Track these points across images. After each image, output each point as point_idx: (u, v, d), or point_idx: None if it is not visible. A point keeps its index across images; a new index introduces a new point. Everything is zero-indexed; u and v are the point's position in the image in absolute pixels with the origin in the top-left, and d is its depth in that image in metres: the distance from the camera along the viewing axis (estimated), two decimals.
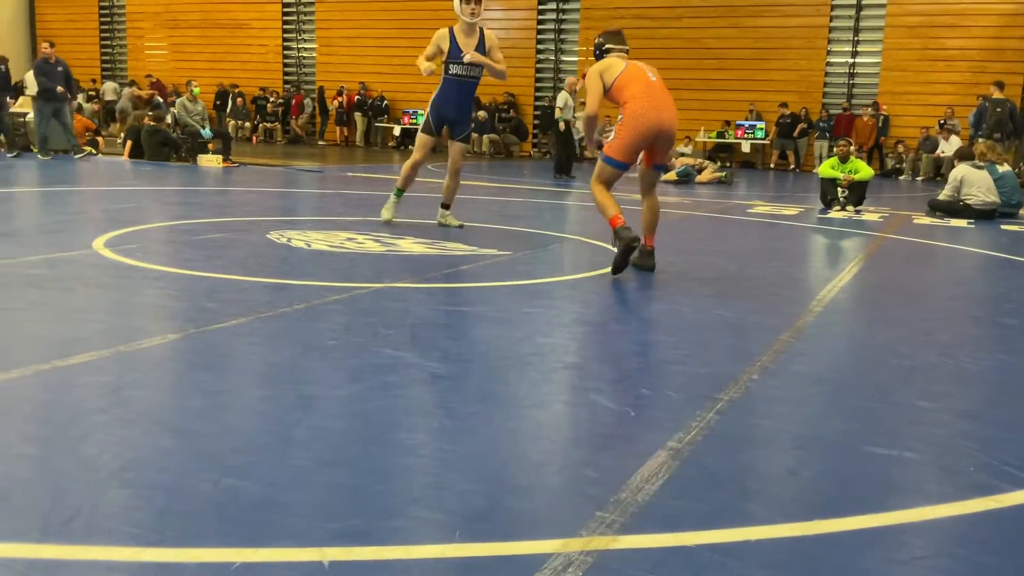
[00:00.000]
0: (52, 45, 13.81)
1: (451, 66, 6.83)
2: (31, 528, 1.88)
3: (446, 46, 6.79)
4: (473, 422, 2.73)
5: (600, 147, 5.63)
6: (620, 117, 5.38)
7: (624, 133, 5.33)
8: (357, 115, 22.70)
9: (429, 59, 6.78)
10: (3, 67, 13.90)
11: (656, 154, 5.58)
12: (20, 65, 24.11)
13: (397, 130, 22.33)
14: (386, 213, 7.27)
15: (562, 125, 14.16)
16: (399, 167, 7.60)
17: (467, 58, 6.72)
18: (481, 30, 6.88)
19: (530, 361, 3.45)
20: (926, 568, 1.94)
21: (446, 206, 7.34)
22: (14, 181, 10.35)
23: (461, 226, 7.18)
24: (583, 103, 6.53)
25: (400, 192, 7.35)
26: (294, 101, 23.01)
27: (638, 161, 5.66)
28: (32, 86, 16.54)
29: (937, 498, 2.30)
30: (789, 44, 19.38)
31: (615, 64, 5.44)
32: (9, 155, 13.41)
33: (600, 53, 5.62)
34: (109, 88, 23.69)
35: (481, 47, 6.85)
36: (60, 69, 13.50)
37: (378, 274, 5.09)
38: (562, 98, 14.12)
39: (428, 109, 7.02)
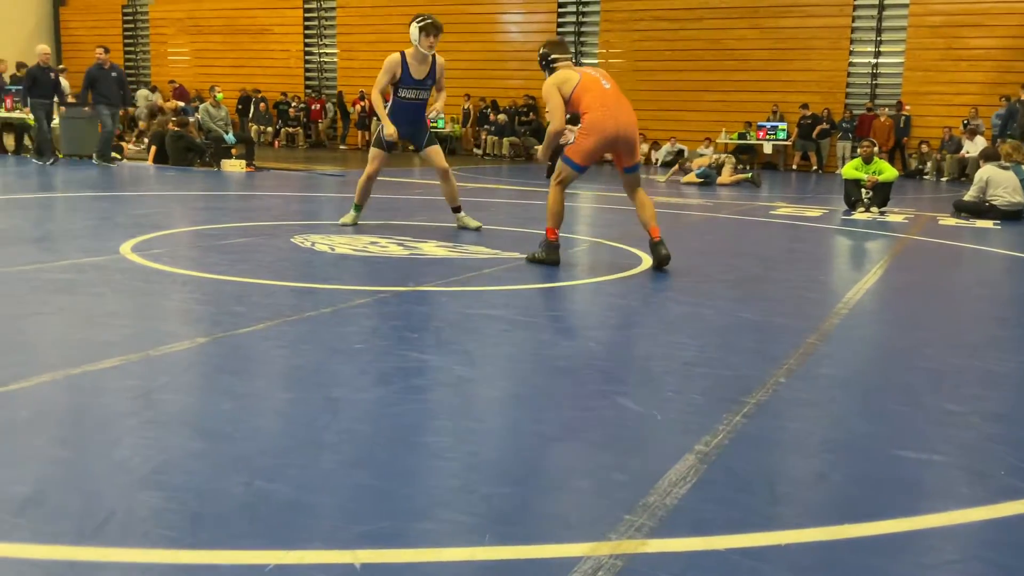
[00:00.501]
0: (107, 51, 13.60)
1: (401, 90, 7.02)
2: (67, 531, 1.90)
3: (399, 72, 6.96)
4: (499, 425, 2.74)
5: (555, 155, 5.94)
6: (579, 124, 5.56)
7: (583, 140, 5.53)
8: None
9: (382, 90, 7.07)
10: (53, 75, 13.72)
11: (623, 158, 5.74)
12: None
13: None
14: (346, 219, 7.40)
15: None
16: (419, 171, 7.63)
17: (433, 114, 7.24)
18: (433, 57, 7.03)
19: (555, 364, 3.46)
20: (957, 572, 1.93)
21: (457, 209, 7.41)
22: (40, 187, 10.48)
23: (479, 228, 7.21)
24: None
25: (359, 208, 7.42)
26: (316, 106, 23.13)
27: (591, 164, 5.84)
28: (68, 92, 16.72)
29: (967, 502, 2.29)
30: (811, 45, 19.28)
31: (570, 76, 5.56)
32: (47, 163, 13.28)
33: (547, 64, 5.74)
34: (141, 96, 23.88)
35: (432, 73, 7.05)
36: (114, 75, 13.40)
37: (402, 277, 5.11)
38: None
39: (379, 127, 7.15)
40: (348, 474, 2.28)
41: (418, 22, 6.91)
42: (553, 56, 5.73)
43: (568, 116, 5.71)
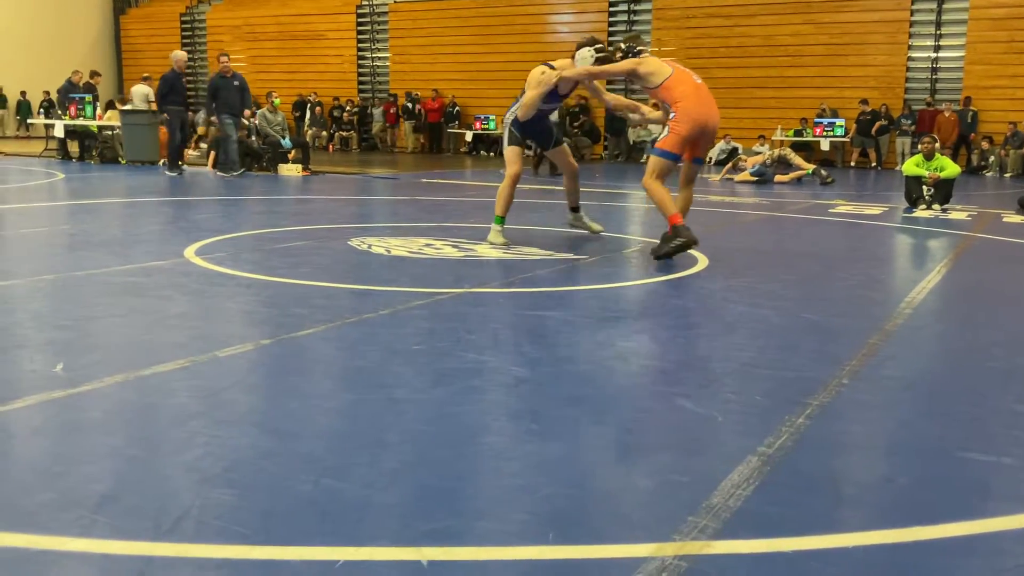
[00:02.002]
0: (228, 57, 13.28)
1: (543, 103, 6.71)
2: (145, 527, 1.96)
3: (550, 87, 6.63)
4: (559, 426, 2.75)
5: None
6: (672, 115, 5.88)
7: (678, 128, 5.83)
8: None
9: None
10: (182, 80, 13.43)
11: (698, 149, 6.14)
12: (108, 80, 25.10)
13: (469, 136, 22.52)
14: (496, 238, 6.65)
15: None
16: (471, 172, 7.66)
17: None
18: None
19: (613, 365, 3.46)
20: None
21: (575, 209, 7.24)
22: (104, 193, 10.77)
23: (600, 231, 7.09)
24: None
25: (503, 219, 6.70)
26: (385, 108, 23.29)
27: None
28: (139, 100, 17.04)
29: None
30: (868, 39, 18.92)
31: (662, 67, 6.03)
32: (171, 173, 13.00)
33: (635, 54, 6.23)
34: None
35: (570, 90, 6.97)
36: (236, 84, 13.08)
37: (458, 279, 5.15)
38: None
39: (516, 128, 6.76)
40: (412, 473, 2.31)
41: (597, 51, 6.54)
42: (639, 48, 6.28)
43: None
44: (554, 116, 7.04)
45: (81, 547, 1.87)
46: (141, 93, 17.14)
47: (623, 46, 6.43)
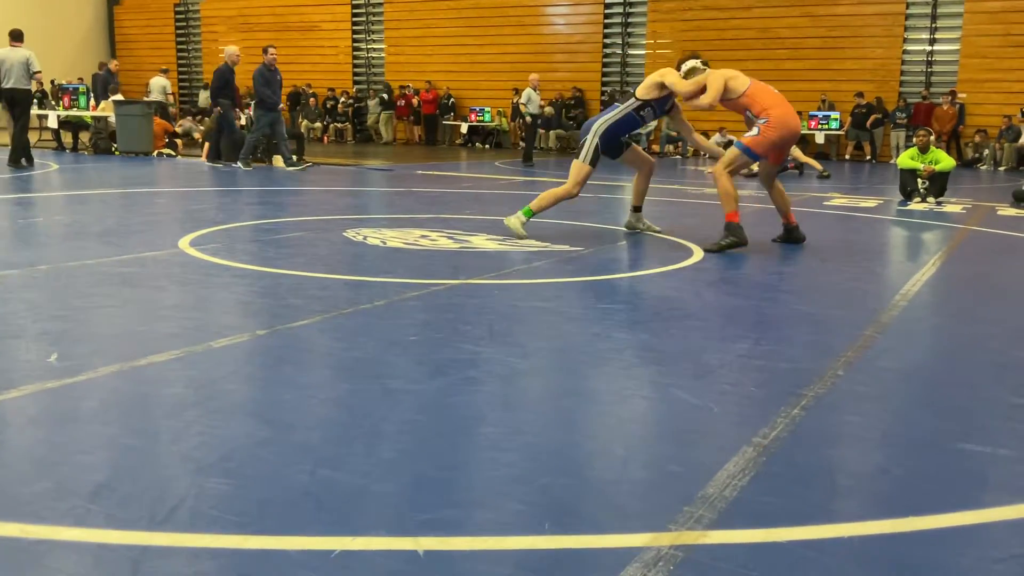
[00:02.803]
0: (275, 49, 13.04)
1: (646, 110, 6.55)
2: (140, 517, 1.96)
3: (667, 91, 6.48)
4: (555, 416, 2.75)
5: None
6: (765, 120, 6.06)
7: (771, 133, 6.04)
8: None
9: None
10: (230, 75, 13.23)
11: (784, 154, 6.51)
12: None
13: (464, 128, 22.49)
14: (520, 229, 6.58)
15: (528, 119, 15.51)
16: (466, 164, 7.66)
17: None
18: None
19: (609, 356, 3.46)
20: (1022, 566, 1.90)
21: (637, 208, 7.10)
22: (99, 183, 10.73)
23: (659, 231, 6.98)
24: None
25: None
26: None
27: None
28: (157, 92, 16.98)
29: None
30: (864, 32, 18.92)
31: (740, 77, 6.27)
32: (244, 166, 12.72)
33: (702, 65, 6.40)
34: (203, 97, 24.25)
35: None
36: (279, 77, 12.96)
37: (454, 271, 5.15)
38: (526, 94, 15.35)
39: (599, 139, 6.53)
40: (409, 463, 2.31)
41: (703, 63, 6.48)
42: (703, 62, 6.43)
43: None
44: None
45: (76, 536, 1.87)
46: (159, 85, 17.10)
47: (699, 60, 6.43)
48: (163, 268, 4.95)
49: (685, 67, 6.46)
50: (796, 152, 14.63)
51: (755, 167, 14.94)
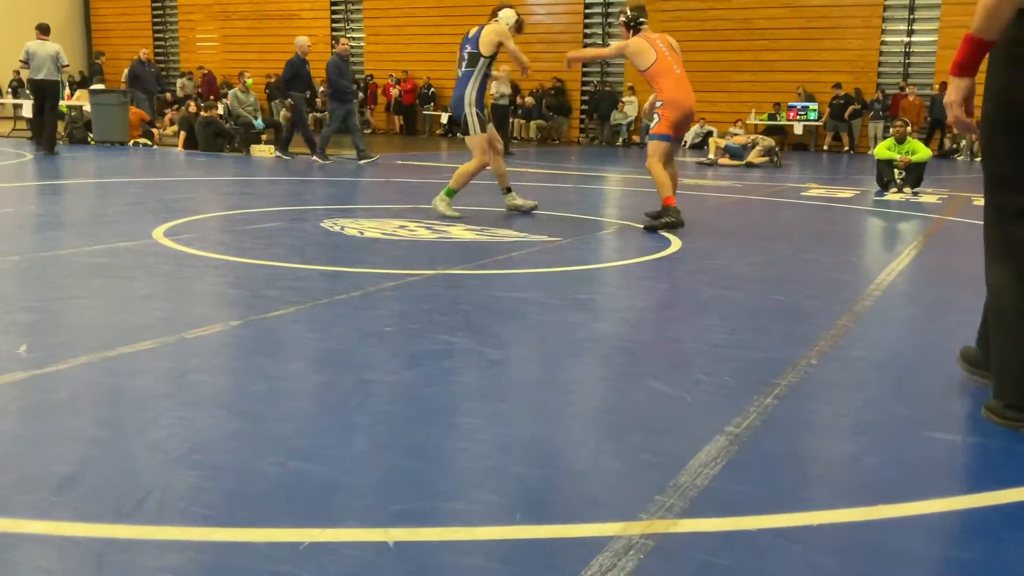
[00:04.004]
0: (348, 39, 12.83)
1: (491, 66, 7.08)
2: (106, 509, 1.94)
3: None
4: (530, 407, 2.75)
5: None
6: (660, 102, 6.57)
7: (668, 113, 6.54)
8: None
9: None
10: (306, 67, 13.08)
11: (681, 131, 6.88)
12: (75, 61, 24.66)
13: (444, 118, 22.41)
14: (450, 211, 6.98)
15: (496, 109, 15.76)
16: (446, 155, 7.65)
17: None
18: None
19: (585, 346, 3.46)
20: (991, 553, 1.91)
21: (508, 190, 7.43)
22: (73, 173, 10.61)
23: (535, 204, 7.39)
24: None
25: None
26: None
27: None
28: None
29: (1003, 483, 2.26)
30: (842, 23, 19.00)
31: (647, 51, 6.61)
32: (325, 160, 12.58)
33: (635, 25, 6.77)
34: (179, 85, 24.01)
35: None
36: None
37: (431, 261, 5.13)
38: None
39: (476, 108, 6.87)
40: (381, 454, 2.30)
41: (517, 12, 7.22)
42: (642, 19, 6.81)
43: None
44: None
45: (40, 529, 1.84)
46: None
47: (629, 13, 6.81)
48: (136, 258, 4.90)
49: (503, 15, 7.04)
50: (754, 155, 14.71)
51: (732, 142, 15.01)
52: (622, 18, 6.86)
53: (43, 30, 12.67)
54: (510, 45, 6.87)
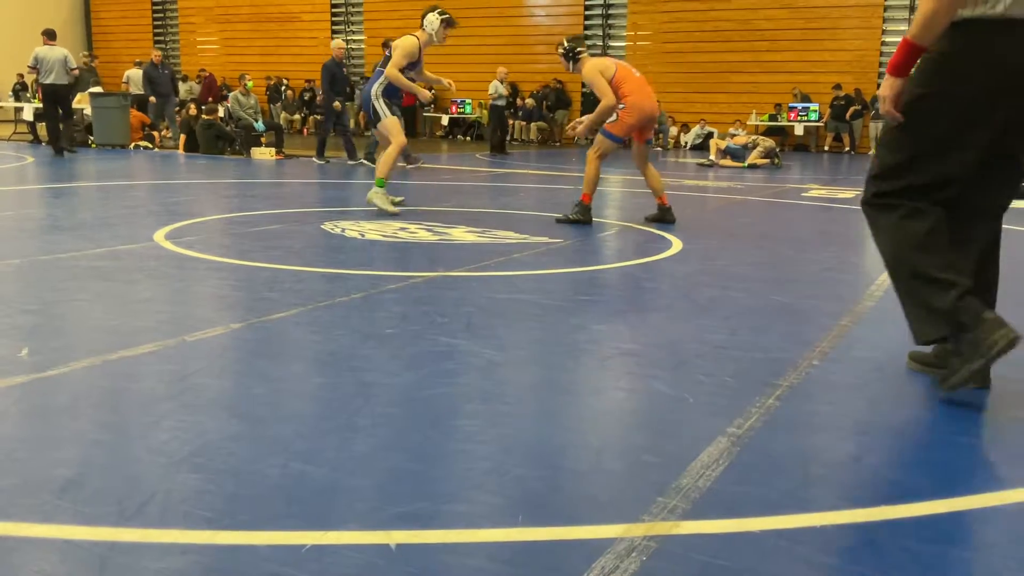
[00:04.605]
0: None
1: (406, 72, 7.33)
2: (109, 512, 1.94)
3: (415, 57, 7.35)
4: (531, 408, 2.75)
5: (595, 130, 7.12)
6: (623, 105, 6.73)
7: (627, 118, 6.73)
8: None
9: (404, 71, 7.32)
10: (343, 69, 13.24)
11: (645, 133, 7.06)
12: (77, 64, 24.65)
13: (445, 120, 22.43)
14: (387, 205, 7.25)
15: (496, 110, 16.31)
16: (447, 157, 7.67)
17: (453, 88, 7.81)
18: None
19: (586, 348, 3.46)
20: (994, 554, 1.91)
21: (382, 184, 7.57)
22: (74, 176, 10.62)
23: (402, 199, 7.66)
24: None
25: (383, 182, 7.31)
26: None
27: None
28: (136, 85, 16.84)
29: (1007, 483, 2.26)
30: (842, 24, 19.01)
31: (608, 64, 6.83)
32: (356, 160, 12.72)
33: (573, 56, 6.95)
34: (182, 89, 24.01)
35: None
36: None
37: (432, 263, 5.13)
38: (493, 86, 16.23)
39: (382, 100, 7.29)
40: (382, 457, 2.30)
41: (440, 14, 7.40)
42: (579, 48, 6.97)
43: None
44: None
45: (43, 533, 1.84)
46: (137, 77, 17.00)
47: (567, 44, 7.00)
48: (138, 261, 4.90)
49: (427, 21, 7.35)
50: (754, 155, 14.72)
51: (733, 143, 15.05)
52: (560, 50, 7.03)
53: (49, 35, 12.98)
54: (399, 66, 7.20)
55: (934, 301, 2.80)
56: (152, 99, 16.08)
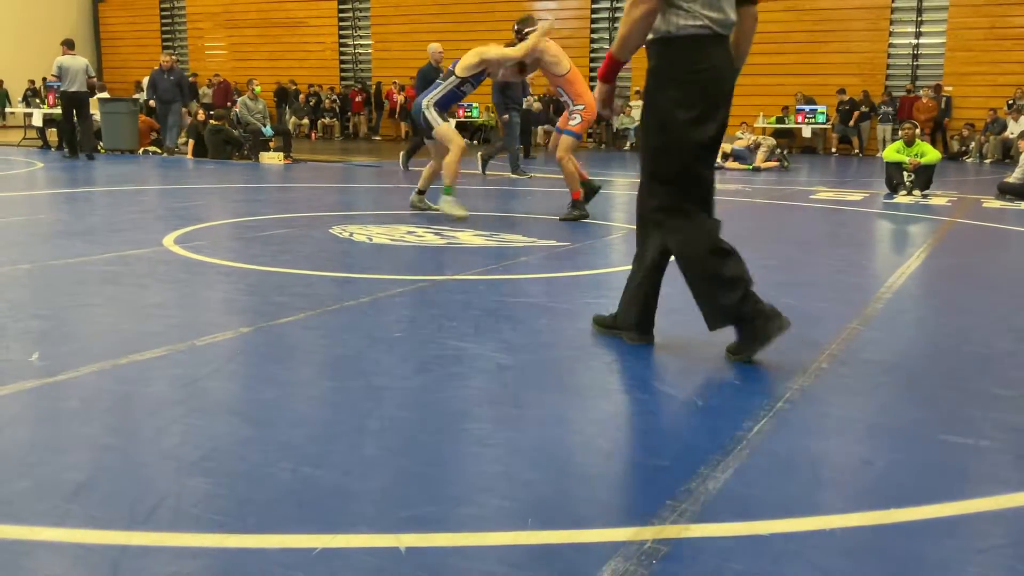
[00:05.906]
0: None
1: (467, 84, 7.24)
2: (120, 516, 1.95)
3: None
4: (540, 412, 2.75)
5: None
6: (582, 105, 7.09)
7: (588, 116, 7.16)
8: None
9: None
10: (432, 74, 12.67)
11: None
12: None
13: (452, 124, 22.44)
14: (458, 211, 7.19)
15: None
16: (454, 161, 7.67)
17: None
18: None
19: (594, 351, 3.46)
20: (1004, 557, 1.90)
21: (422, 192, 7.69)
22: (83, 181, 10.66)
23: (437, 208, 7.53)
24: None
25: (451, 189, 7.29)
26: (358, 98, 23.18)
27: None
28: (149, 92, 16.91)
29: (1016, 486, 2.25)
30: (849, 26, 18.96)
31: (564, 60, 7.17)
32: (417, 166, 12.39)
33: (524, 37, 7.10)
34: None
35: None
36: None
37: (439, 267, 5.13)
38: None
39: (433, 109, 7.17)
40: (392, 460, 2.30)
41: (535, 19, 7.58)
42: (527, 30, 7.18)
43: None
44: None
45: (55, 537, 1.85)
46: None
47: (517, 25, 7.28)
48: (147, 266, 4.92)
49: (523, 24, 7.34)
50: (759, 157, 14.71)
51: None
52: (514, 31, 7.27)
53: (69, 45, 13.34)
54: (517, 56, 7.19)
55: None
56: (151, 103, 15.98)
